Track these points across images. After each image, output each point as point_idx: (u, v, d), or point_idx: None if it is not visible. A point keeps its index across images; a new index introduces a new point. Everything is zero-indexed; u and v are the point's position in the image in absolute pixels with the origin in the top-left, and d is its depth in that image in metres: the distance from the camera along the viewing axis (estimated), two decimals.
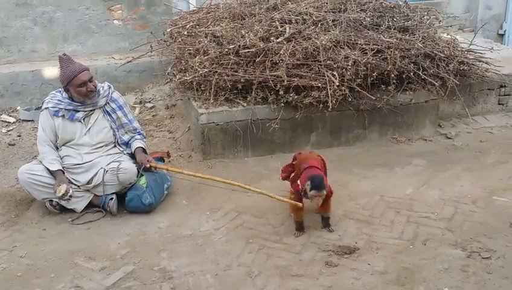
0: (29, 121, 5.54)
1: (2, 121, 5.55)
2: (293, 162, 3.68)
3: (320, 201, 3.37)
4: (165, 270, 3.25)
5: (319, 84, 4.50)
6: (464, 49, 5.40)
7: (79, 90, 3.90)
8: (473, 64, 5.28)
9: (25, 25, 5.99)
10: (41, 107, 5.61)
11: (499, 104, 5.61)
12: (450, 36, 5.50)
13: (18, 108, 5.77)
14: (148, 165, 3.97)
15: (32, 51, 6.09)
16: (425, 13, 5.59)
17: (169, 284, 3.12)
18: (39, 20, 6.02)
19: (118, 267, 3.29)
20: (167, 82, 5.55)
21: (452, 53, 5.11)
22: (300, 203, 3.52)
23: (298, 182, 3.48)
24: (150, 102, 5.68)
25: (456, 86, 4.98)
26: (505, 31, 7.47)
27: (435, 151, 4.88)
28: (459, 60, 5.12)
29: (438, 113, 5.17)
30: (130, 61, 5.75)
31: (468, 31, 7.23)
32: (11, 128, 5.43)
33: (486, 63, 5.38)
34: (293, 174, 3.67)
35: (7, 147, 5.05)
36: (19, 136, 5.26)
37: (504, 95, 5.58)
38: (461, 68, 5.13)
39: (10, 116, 5.66)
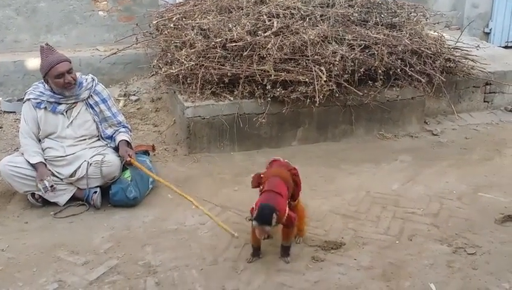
0: (11, 112, 5.44)
1: None
2: (262, 175, 3.22)
3: (263, 234, 2.95)
4: (150, 265, 3.20)
5: (306, 79, 4.48)
6: (450, 47, 5.41)
7: (56, 81, 3.81)
8: (459, 62, 5.30)
9: (7, 14, 5.89)
10: (23, 98, 5.50)
11: (484, 101, 5.64)
12: (437, 33, 5.51)
13: (0, 99, 5.67)
14: (128, 159, 3.87)
15: (15, 41, 5.99)
16: (413, 10, 5.60)
17: (153, 279, 3.08)
18: (22, 10, 5.91)
19: (102, 262, 3.24)
20: (152, 75, 5.48)
21: (439, 50, 5.12)
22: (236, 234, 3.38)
23: (254, 204, 3.03)
24: (134, 95, 5.60)
25: (442, 83, 5.00)
26: (490, 30, 7.52)
27: (421, 147, 4.88)
28: (446, 57, 5.13)
29: (424, 110, 5.18)
30: (115, 53, 5.67)
31: (455, 28, 7.25)
32: None
33: (472, 60, 5.40)
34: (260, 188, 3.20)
35: None
36: (1, 127, 5.16)
37: (489, 93, 5.61)
38: (448, 65, 5.15)
39: None
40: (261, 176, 3.22)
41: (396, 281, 3.04)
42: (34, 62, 5.63)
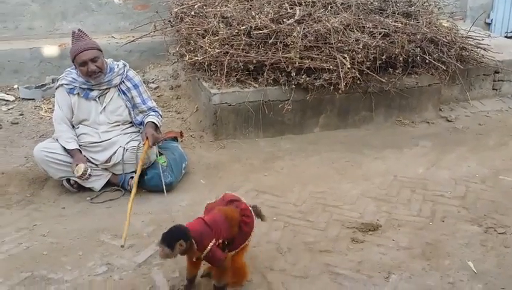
0: (30, 99, 5.43)
1: (1, 99, 5.43)
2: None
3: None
4: None
5: (330, 67, 4.57)
6: (463, 36, 5.54)
7: (81, 69, 3.83)
8: (473, 50, 5.43)
9: (22, 1, 5.85)
10: (42, 85, 5.51)
11: (493, 89, 5.79)
12: (450, 23, 5.64)
13: (15, 86, 5.66)
14: (143, 143, 3.80)
15: (29, 28, 5.96)
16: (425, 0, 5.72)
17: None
18: None
19: (147, 245, 3.30)
20: (174, 62, 5.50)
21: (454, 39, 5.25)
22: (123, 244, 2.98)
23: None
24: (153, 82, 5.64)
25: (457, 71, 5.13)
26: (491, 20, 7.69)
27: (438, 133, 5.02)
28: (461, 46, 5.26)
29: (440, 97, 5.31)
30: (132, 41, 5.67)
31: (458, 18, 7.39)
32: (11, 106, 5.33)
33: (484, 49, 5.54)
34: None
35: (10, 125, 4.95)
36: (21, 114, 5.16)
37: (498, 81, 5.76)
38: (462, 54, 5.28)
39: (7, 94, 5.54)
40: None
41: (436, 259, 3.17)
42: (50, 49, 5.64)
